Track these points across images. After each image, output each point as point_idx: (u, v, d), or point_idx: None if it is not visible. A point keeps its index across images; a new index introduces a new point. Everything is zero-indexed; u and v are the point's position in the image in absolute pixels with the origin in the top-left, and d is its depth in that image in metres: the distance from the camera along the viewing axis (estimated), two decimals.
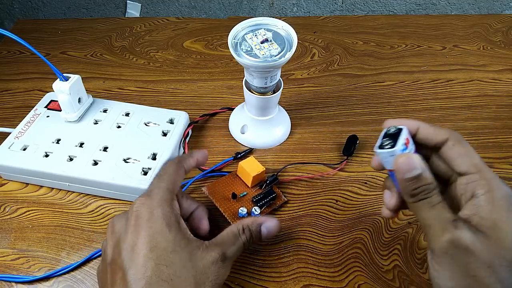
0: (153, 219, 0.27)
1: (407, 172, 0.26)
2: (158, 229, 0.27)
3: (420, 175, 0.26)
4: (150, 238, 0.26)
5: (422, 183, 0.26)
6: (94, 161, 0.40)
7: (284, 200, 0.40)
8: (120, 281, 0.26)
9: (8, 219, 0.39)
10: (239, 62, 0.37)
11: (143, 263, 0.26)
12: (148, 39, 0.63)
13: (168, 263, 0.26)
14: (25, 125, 0.43)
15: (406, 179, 0.26)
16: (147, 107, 0.46)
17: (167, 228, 0.27)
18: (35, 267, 0.35)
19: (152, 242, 0.26)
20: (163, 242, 0.27)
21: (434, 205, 0.26)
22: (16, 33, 0.37)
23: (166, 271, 0.26)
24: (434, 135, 0.28)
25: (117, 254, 0.27)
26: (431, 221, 0.26)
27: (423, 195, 0.26)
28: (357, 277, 0.35)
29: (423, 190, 0.26)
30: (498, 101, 0.53)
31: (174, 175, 0.31)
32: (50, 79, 0.54)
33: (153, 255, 0.26)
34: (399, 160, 0.27)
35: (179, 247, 0.27)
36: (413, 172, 0.26)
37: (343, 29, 0.66)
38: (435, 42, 0.63)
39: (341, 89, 0.55)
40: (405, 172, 0.26)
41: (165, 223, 0.27)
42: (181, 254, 0.27)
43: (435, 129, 0.29)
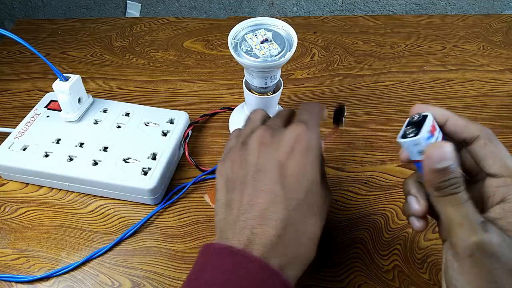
0: (310, 148, 0.28)
1: (438, 162, 0.24)
2: (311, 159, 0.28)
3: (450, 168, 0.24)
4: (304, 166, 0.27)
5: (451, 175, 0.25)
6: (94, 161, 0.40)
7: None
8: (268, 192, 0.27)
9: (8, 219, 0.39)
10: (239, 62, 0.37)
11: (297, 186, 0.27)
12: (148, 39, 0.63)
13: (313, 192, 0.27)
14: (25, 125, 0.43)
15: (435, 169, 0.25)
16: (147, 107, 0.46)
17: (317, 160, 0.28)
18: (35, 267, 0.35)
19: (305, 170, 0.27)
20: (313, 173, 0.28)
21: (463, 203, 0.25)
22: (16, 33, 0.37)
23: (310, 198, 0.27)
24: (464, 129, 0.26)
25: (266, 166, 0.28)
26: (458, 219, 0.24)
27: (452, 189, 0.25)
28: (357, 277, 0.35)
29: (452, 184, 0.25)
30: (498, 101, 0.53)
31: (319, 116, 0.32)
32: (50, 79, 0.54)
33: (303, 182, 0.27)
34: (431, 149, 0.25)
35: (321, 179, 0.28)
36: (444, 163, 0.24)
37: (343, 29, 0.66)
38: (435, 42, 0.63)
39: (341, 89, 0.54)
40: (436, 162, 0.24)
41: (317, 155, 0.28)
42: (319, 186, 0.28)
43: (467, 123, 0.27)
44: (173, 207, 0.40)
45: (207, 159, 0.45)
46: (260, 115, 0.34)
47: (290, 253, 0.26)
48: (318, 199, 0.28)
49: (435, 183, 0.25)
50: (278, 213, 0.26)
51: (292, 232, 0.26)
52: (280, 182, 0.27)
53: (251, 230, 0.26)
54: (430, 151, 0.25)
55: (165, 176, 0.41)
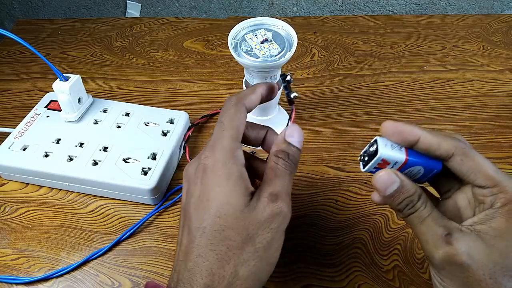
0: (215, 170, 0.27)
1: (384, 190, 0.26)
2: (218, 181, 0.26)
3: (399, 188, 0.26)
4: (210, 191, 0.26)
5: (403, 196, 0.26)
6: (94, 161, 0.40)
7: None
8: (186, 228, 0.27)
9: (8, 219, 0.39)
10: (239, 62, 0.37)
11: (202, 214, 0.26)
12: (148, 39, 0.63)
13: (221, 214, 0.26)
14: (25, 125, 0.43)
15: (387, 196, 0.26)
16: (147, 107, 0.46)
17: (226, 179, 0.26)
18: (35, 267, 0.35)
19: (211, 194, 0.26)
20: (220, 194, 0.26)
21: (423, 220, 0.25)
22: (16, 33, 0.37)
23: (218, 222, 0.26)
24: (437, 147, 0.26)
25: (187, 200, 0.28)
26: (423, 236, 0.25)
27: (409, 209, 0.26)
28: (357, 277, 0.35)
29: (407, 203, 0.26)
30: (498, 101, 0.53)
31: (235, 120, 0.29)
32: (50, 79, 0.54)
33: (210, 206, 0.26)
34: (374, 180, 0.26)
35: (234, 198, 0.26)
36: (391, 188, 0.26)
37: (343, 29, 0.66)
38: (435, 42, 0.63)
39: (341, 89, 0.54)
40: (383, 190, 0.26)
41: (225, 174, 0.27)
42: (234, 205, 0.26)
43: (439, 141, 0.26)
44: (173, 207, 0.40)
45: None
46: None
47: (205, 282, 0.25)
48: (229, 219, 0.25)
49: (394, 207, 0.27)
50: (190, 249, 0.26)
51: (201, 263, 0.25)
52: (191, 216, 0.27)
53: (174, 269, 0.27)
54: (374, 181, 0.26)
55: (165, 176, 0.41)
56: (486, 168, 0.26)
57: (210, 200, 0.26)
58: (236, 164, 0.27)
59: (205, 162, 0.27)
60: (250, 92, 0.30)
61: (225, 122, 0.29)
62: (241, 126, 0.29)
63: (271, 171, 0.28)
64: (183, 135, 0.45)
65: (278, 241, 0.27)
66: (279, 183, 0.27)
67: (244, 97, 0.30)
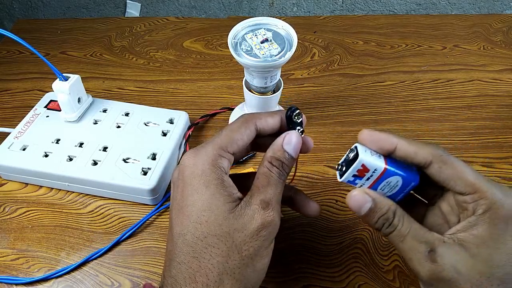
0: (193, 175, 0.26)
1: (359, 209, 0.26)
2: (196, 186, 0.26)
3: (372, 207, 0.26)
4: (189, 196, 0.26)
5: (378, 215, 0.26)
6: (94, 161, 0.40)
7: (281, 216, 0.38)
8: (170, 232, 0.27)
9: (8, 219, 0.39)
10: (239, 62, 0.37)
11: (182, 220, 0.26)
12: (148, 39, 0.63)
13: (202, 221, 0.25)
14: (24, 125, 0.43)
15: (362, 216, 0.26)
16: (147, 107, 0.46)
17: (204, 186, 0.26)
18: (35, 267, 0.35)
19: (190, 199, 0.26)
20: (199, 200, 0.25)
21: (404, 238, 0.25)
22: (16, 33, 0.37)
23: (200, 228, 0.25)
24: (414, 156, 0.26)
25: (171, 204, 0.28)
26: (406, 254, 0.25)
27: (387, 228, 0.26)
28: (357, 277, 0.35)
29: (383, 222, 0.26)
30: (498, 101, 0.53)
31: (236, 133, 0.28)
32: (50, 79, 0.54)
33: (190, 213, 0.25)
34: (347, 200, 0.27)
35: (215, 205, 0.25)
36: (365, 207, 0.26)
37: (343, 29, 0.66)
38: (435, 42, 0.63)
39: (341, 89, 0.54)
40: (358, 210, 0.26)
41: (204, 181, 0.26)
42: (216, 212, 0.25)
43: (416, 149, 0.26)
44: None
45: None
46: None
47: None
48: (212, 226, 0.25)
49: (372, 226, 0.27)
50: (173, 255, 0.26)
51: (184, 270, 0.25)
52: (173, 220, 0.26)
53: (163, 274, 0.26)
54: (348, 203, 0.27)
55: (165, 176, 0.40)
56: (466, 175, 0.25)
57: (189, 206, 0.26)
58: (215, 172, 0.26)
59: (185, 164, 0.27)
60: (269, 114, 0.29)
61: (224, 131, 0.28)
62: (240, 141, 0.28)
63: (263, 177, 0.27)
64: (183, 135, 0.45)
65: (266, 249, 0.26)
66: (271, 191, 0.26)
67: (258, 117, 0.29)
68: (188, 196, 0.26)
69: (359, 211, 0.26)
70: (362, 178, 0.26)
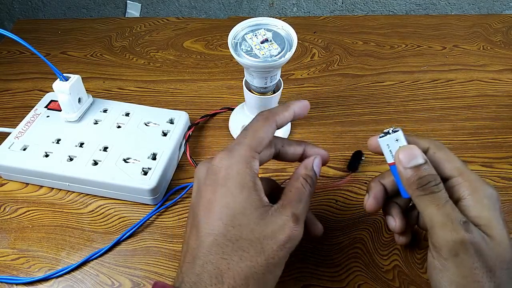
0: (228, 177, 0.26)
1: (411, 160, 0.27)
2: (231, 188, 0.26)
3: (424, 164, 0.27)
4: (222, 197, 0.26)
5: (427, 171, 0.26)
6: (94, 161, 0.40)
7: None
8: (195, 228, 0.27)
9: (8, 219, 0.39)
10: (239, 62, 0.37)
11: (213, 220, 0.26)
12: (148, 39, 0.63)
13: (235, 224, 0.25)
14: (25, 125, 0.43)
15: (410, 167, 0.27)
16: (147, 107, 0.46)
17: (239, 188, 0.26)
18: (35, 267, 0.35)
19: (223, 201, 0.26)
20: (233, 203, 0.26)
21: (444, 203, 0.26)
22: (16, 33, 0.37)
23: (232, 231, 0.25)
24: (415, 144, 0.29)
25: (197, 201, 0.27)
26: (440, 219, 0.26)
27: (431, 187, 0.26)
28: (357, 277, 0.35)
29: (430, 180, 0.26)
30: (498, 101, 0.53)
31: (260, 132, 0.28)
32: (50, 79, 0.54)
33: (222, 214, 0.26)
34: (401, 150, 0.27)
35: (248, 209, 0.26)
36: (415, 161, 0.27)
37: (343, 29, 0.66)
38: (435, 42, 0.63)
39: (341, 89, 0.54)
40: (409, 160, 0.27)
41: (239, 183, 0.26)
42: (249, 216, 0.26)
43: (416, 139, 0.29)
44: (173, 207, 0.40)
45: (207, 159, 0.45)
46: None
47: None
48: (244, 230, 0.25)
49: (414, 181, 0.27)
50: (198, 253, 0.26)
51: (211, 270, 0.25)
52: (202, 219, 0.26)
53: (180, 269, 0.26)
54: (401, 151, 0.27)
55: (165, 176, 0.41)
56: (454, 160, 0.28)
57: (222, 207, 0.26)
58: (251, 175, 0.27)
59: (219, 165, 0.27)
60: (283, 109, 0.30)
61: (250, 131, 0.28)
62: (265, 139, 0.28)
63: (296, 192, 0.28)
64: (183, 135, 0.45)
65: (285, 259, 0.27)
66: (302, 206, 0.27)
67: (276, 113, 0.30)
68: (222, 198, 0.26)
69: (408, 162, 0.27)
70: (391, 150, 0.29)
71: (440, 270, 0.26)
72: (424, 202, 0.26)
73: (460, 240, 0.24)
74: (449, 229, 0.25)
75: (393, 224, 0.32)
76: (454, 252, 0.25)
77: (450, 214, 0.25)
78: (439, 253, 0.26)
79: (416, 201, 0.27)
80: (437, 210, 0.26)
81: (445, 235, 0.25)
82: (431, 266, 0.27)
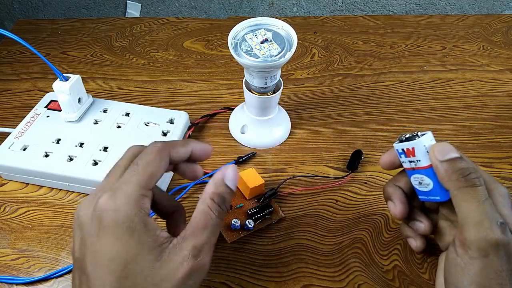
0: (117, 223, 0.23)
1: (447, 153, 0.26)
2: (119, 235, 0.23)
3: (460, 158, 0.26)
4: (111, 247, 0.23)
5: (464, 164, 0.26)
6: (94, 161, 0.40)
7: (281, 216, 0.38)
8: (84, 285, 0.24)
9: (8, 219, 0.39)
10: (239, 62, 0.37)
11: (104, 274, 0.23)
12: (148, 39, 0.63)
13: (128, 274, 0.23)
14: (25, 125, 0.43)
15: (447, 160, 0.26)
16: (147, 107, 0.46)
17: (129, 233, 0.23)
18: (35, 267, 0.35)
19: (112, 251, 0.23)
20: (123, 252, 0.23)
21: (484, 200, 0.25)
22: (16, 33, 0.37)
23: (126, 283, 0.23)
24: None
25: (82, 253, 0.24)
26: (477, 217, 0.25)
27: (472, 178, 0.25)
28: (357, 277, 0.35)
29: (471, 171, 0.25)
30: (498, 101, 0.53)
31: (151, 166, 0.26)
32: (50, 79, 0.54)
33: (113, 266, 0.23)
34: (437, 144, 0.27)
35: (140, 256, 0.23)
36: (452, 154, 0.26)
37: (343, 29, 0.66)
38: (435, 42, 0.63)
39: (341, 89, 0.54)
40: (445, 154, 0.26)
41: (128, 227, 0.23)
42: (142, 263, 0.23)
43: None
44: None
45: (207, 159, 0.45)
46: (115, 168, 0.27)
47: None
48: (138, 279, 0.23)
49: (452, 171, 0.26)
50: None
51: None
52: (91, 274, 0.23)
53: None
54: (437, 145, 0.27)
55: (165, 177, 0.40)
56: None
57: (113, 258, 0.23)
58: (140, 216, 0.24)
59: (103, 210, 0.24)
60: (181, 144, 0.28)
61: (140, 165, 0.25)
62: (157, 174, 0.26)
63: (202, 217, 0.25)
64: (183, 135, 0.45)
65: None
66: (207, 234, 0.25)
67: (172, 146, 0.27)
68: (112, 247, 0.23)
69: (443, 155, 0.26)
70: (407, 157, 0.29)
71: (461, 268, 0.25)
72: (465, 196, 0.25)
73: (495, 241, 0.24)
74: (485, 228, 0.24)
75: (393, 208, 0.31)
76: (484, 252, 0.24)
77: (489, 213, 0.24)
78: (466, 251, 0.25)
79: (455, 193, 0.26)
80: (477, 207, 0.25)
81: (479, 234, 0.24)
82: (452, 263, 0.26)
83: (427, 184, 0.28)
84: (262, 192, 0.39)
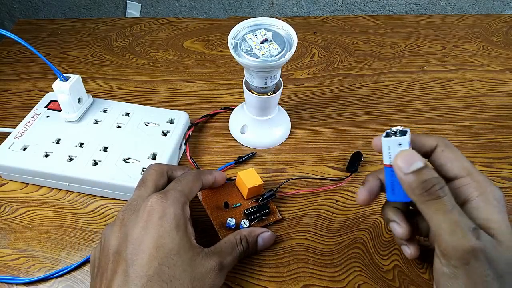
0: (165, 218, 0.28)
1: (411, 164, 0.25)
2: (167, 229, 0.27)
3: (424, 168, 0.25)
4: (158, 237, 0.27)
5: (430, 174, 0.25)
6: (94, 161, 0.40)
7: (278, 218, 0.38)
8: (121, 273, 0.26)
9: (8, 219, 0.39)
10: (239, 62, 0.37)
11: (147, 261, 0.26)
12: (148, 39, 0.63)
13: (170, 264, 0.26)
14: (25, 125, 0.43)
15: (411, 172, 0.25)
16: (147, 107, 0.46)
17: (175, 229, 0.28)
18: (35, 267, 0.35)
19: (159, 241, 0.27)
20: (169, 243, 0.27)
21: (451, 209, 0.24)
22: (16, 33, 0.37)
23: (167, 272, 0.26)
24: (424, 142, 0.29)
25: (123, 246, 0.27)
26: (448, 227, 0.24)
27: (436, 191, 0.24)
28: (357, 277, 0.35)
29: (434, 183, 0.25)
30: (498, 101, 0.53)
31: (192, 183, 0.32)
32: (50, 79, 0.54)
33: (158, 254, 0.26)
34: (400, 155, 0.26)
35: (183, 250, 0.27)
36: (415, 165, 0.25)
37: (343, 29, 0.66)
38: (435, 42, 0.63)
39: (341, 89, 0.55)
40: (409, 165, 0.25)
41: (175, 224, 0.28)
42: (183, 257, 0.27)
43: (424, 137, 0.29)
44: None
45: (207, 159, 0.45)
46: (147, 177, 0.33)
47: None
48: (178, 271, 0.27)
49: (415, 186, 0.25)
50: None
51: None
52: (131, 261, 0.26)
53: None
54: (399, 156, 0.26)
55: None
56: (462, 160, 0.28)
57: (158, 247, 0.27)
58: (184, 218, 0.29)
59: (153, 208, 0.28)
60: (208, 173, 0.35)
61: (183, 181, 0.32)
62: (195, 191, 0.32)
63: (230, 245, 0.31)
64: (183, 135, 0.45)
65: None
66: (231, 259, 0.30)
67: (204, 174, 0.35)
68: (157, 237, 0.27)
69: (408, 167, 0.25)
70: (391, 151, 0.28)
71: (449, 277, 0.25)
72: (430, 208, 0.25)
73: (471, 248, 0.23)
74: (459, 237, 0.24)
75: (400, 230, 0.30)
76: (464, 260, 0.24)
77: (459, 221, 0.24)
78: (449, 261, 0.24)
79: (421, 207, 0.25)
80: (444, 217, 0.24)
81: (455, 243, 0.24)
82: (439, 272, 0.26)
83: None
84: (261, 193, 0.39)
